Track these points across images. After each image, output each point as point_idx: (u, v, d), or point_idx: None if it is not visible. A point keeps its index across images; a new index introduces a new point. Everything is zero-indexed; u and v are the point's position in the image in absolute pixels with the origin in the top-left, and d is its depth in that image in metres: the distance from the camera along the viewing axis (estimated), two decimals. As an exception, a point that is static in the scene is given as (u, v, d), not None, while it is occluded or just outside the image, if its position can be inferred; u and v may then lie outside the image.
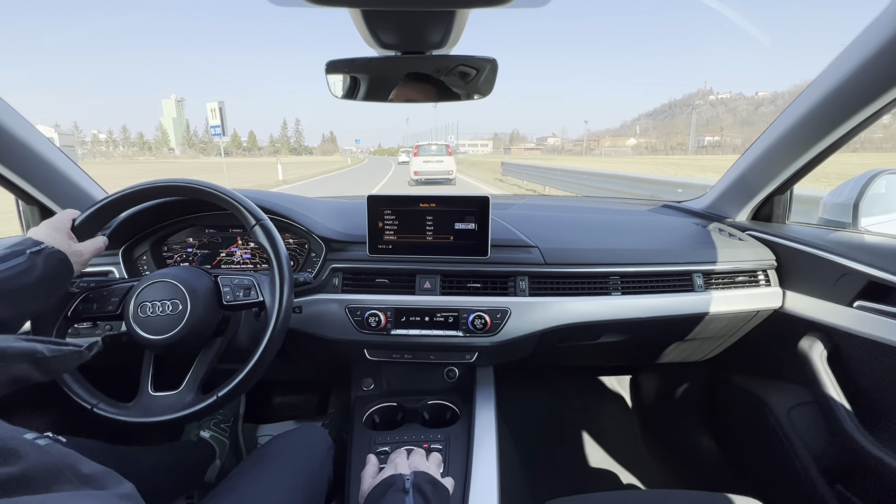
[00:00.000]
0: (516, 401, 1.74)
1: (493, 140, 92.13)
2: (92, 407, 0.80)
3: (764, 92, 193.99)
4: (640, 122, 72.76)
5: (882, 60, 0.82)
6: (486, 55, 0.78)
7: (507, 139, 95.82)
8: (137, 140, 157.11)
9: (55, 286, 0.77)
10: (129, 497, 0.37)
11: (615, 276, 1.11)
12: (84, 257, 0.82)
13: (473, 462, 0.94)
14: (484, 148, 57.98)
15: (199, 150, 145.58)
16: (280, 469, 0.80)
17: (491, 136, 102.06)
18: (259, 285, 0.88)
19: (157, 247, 1.17)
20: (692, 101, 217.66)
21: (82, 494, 0.34)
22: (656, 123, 72.40)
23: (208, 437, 1.29)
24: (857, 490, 1.00)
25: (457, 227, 1.06)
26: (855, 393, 1.01)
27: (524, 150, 60.17)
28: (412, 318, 1.06)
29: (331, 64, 0.82)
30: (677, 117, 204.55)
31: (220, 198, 0.89)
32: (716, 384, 1.47)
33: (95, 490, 0.35)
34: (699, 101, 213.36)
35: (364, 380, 1.21)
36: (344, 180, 21.39)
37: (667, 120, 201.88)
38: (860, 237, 1.08)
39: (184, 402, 0.82)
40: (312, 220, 1.11)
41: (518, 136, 50.46)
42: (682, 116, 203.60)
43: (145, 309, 0.81)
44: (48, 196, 1.10)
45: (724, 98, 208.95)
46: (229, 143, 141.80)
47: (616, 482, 1.54)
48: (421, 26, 0.68)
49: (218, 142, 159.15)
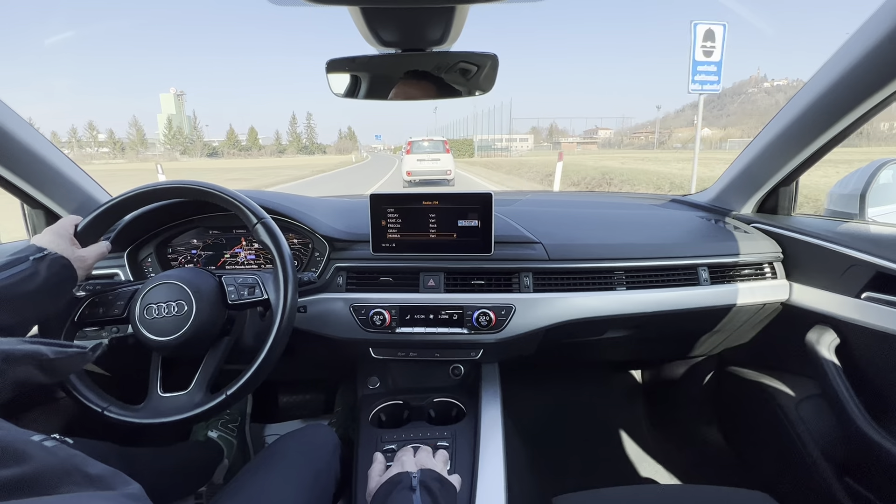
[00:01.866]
0: (522, 397, 1.74)
1: (531, 134, 78.39)
2: (102, 410, 0.81)
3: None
4: (685, 114, 67.39)
5: (886, 49, 0.81)
6: (488, 51, 0.77)
7: (546, 133, 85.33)
8: (108, 140, 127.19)
9: (59, 292, 0.77)
10: (136, 497, 0.37)
11: (620, 271, 1.10)
12: (87, 262, 0.82)
13: (480, 459, 0.94)
14: (524, 143, 48.99)
15: (182, 149, 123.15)
16: (287, 468, 0.80)
17: (528, 130, 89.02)
18: (263, 283, 0.88)
19: (161, 249, 1.17)
20: (744, 89, 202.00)
21: (89, 495, 0.34)
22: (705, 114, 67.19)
23: (216, 437, 1.30)
24: (866, 483, 1.00)
25: (460, 224, 1.06)
26: (863, 385, 1.00)
27: (576, 145, 49.24)
28: (417, 315, 1.06)
29: (331, 62, 0.82)
30: (728, 107, 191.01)
31: (222, 198, 0.89)
32: (723, 378, 1.47)
33: (103, 491, 0.36)
34: (752, 90, 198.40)
35: (370, 378, 1.21)
36: (316, 187, 16.84)
37: (716, 111, 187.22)
38: (867, 228, 1.07)
39: (193, 402, 0.82)
40: (315, 220, 1.11)
41: (557, 130, 45.62)
42: (734, 106, 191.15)
43: (151, 311, 0.81)
44: (53, 199, 1.11)
45: (781, 85, 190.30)
46: (224, 141, 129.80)
47: (624, 478, 1.54)
48: (420, 23, 0.68)
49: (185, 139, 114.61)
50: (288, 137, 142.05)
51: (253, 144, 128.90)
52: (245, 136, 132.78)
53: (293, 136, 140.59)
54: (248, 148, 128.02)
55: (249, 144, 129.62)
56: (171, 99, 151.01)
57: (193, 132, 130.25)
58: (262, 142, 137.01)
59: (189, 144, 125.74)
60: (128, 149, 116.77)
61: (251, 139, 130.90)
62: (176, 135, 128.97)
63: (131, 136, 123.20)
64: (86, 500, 0.33)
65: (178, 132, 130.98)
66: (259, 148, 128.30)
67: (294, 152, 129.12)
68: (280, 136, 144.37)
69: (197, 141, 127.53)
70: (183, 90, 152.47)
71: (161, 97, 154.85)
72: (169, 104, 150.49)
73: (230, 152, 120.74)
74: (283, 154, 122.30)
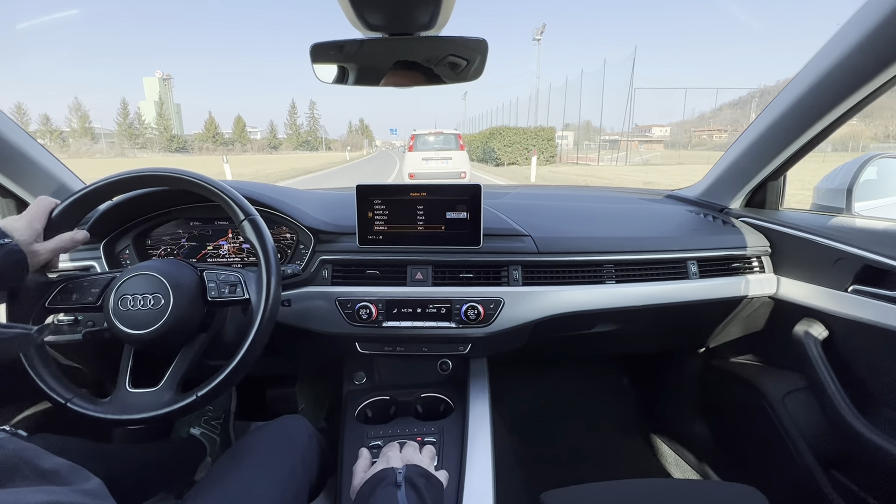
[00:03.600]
0: (510, 392, 1.74)
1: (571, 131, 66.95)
2: (66, 402, 0.77)
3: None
4: (723, 113, 63.35)
5: (874, 43, 0.81)
6: (477, 35, 0.75)
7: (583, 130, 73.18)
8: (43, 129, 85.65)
9: (2, 281, 0.73)
10: (94, 494, 0.35)
11: (609, 265, 1.10)
12: (40, 257, 0.77)
13: (468, 454, 0.93)
14: (563, 141, 41.84)
15: (141, 143, 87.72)
16: (260, 462, 0.78)
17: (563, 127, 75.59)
18: (245, 283, 0.85)
19: (140, 240, 1.14)
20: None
21: (37, 490, 0.32)
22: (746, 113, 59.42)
23: (198, 434, 1.27)
24: (852, 475, 1.01)
25: (448, 216, 1.04)
26: (850, 378, 1.01)
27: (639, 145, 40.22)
28: (404, 309, 1.04)
29: (316, 48, 0.79)
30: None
31: (208, 189, 0.85)
32: (711, 372, 1.48)
33: (55, 486, 0.34)
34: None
35: (356, 373, 1.19)
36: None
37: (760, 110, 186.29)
38: (854, 222, 1.08)
39: (161, 401, 0.79)
40: (300, 211, 1.08)
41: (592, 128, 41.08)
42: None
43: (126, 302, 0.78)
44: (24, 188, 1.07)
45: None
46: (200, 134, 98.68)
47: (612, 472, 1.54)
48: (408, 6, 0.66)
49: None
50: (287, 130, 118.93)
51: (238, 138, 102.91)
52: (230, 130, 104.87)
53: (293, 129, 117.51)
54: (232, 142, 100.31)
55: (234, 137, 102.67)
56: (157, 83, 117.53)
57: (162, 121, 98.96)
58: (251, 134, 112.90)
59: (173, 137, 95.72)
60: (71, 139, 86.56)
61: (237, 131, 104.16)
62: (166, 125, 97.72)
63: (72, 123, 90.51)
64: (32, 495, 0.31)
65: (164, 119, 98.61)
66: (245, 142, 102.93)
67: (292, 147, 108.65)
68: (275, 129, 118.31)
69: (164, 132, 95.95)
70: (170, 74, 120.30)
71: (145, 82, 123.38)
72: (154, 89, 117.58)
73: (204, 146, 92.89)
74: (277, 150, 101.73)
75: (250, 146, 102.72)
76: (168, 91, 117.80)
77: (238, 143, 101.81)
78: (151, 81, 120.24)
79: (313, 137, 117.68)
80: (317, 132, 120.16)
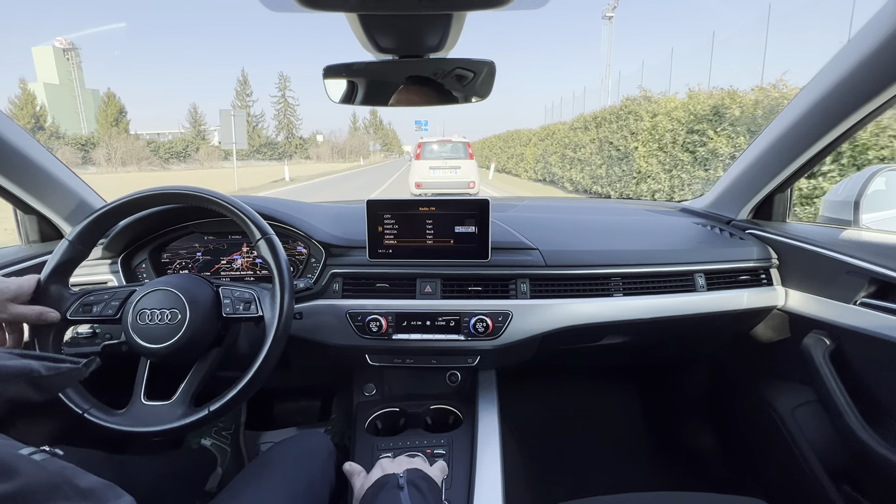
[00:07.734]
0: (519, 404, 1.73)
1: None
2: (83, 412, 0.79)
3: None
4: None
5: (883, 56, 0.82)
6: (484, 58, 0.77)
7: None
8: None
9: None
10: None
11: (616, 278, 1.10)
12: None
13: (477, 466, 0.93)
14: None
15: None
16: (280, 477, 0.79)
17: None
18: (259, 300, 0.86)
19: (156, 254, 1.16)
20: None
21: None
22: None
23: (209, 444, 1.29)
24: (864, 490, 1.00)
25: (457, 230, 1.05)
26: (859, 391, 1.00)
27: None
28: (413, 322, 1.05)
29: (328, 69, 0.82)
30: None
31: (225, 207, 0.88)
32: (719, 384, 1.47)
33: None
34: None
35: (366, 385, 1.21)
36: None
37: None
38: (862, 234, 1.08)
39: (174, 415, 0.80)
40: (312, 226, 1.11)
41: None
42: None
43: (144, 317, 0.80)
44: (46, 205, 1.10)
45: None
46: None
47: (621, 484, 1.53)
48: (418, 30, 0.68)
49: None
50: (280, 130, 69.11)
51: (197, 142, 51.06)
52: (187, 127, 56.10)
53: (285, 130, 69.17)
54: (182, 153, 48.58)
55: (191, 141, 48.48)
56: (51, 55, 58.51)
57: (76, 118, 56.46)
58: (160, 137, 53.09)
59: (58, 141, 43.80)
60: None
61: (196, 129, 55.80)
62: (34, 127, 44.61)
63: None
64: None
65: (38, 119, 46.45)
66: (225, 154, 43.21)
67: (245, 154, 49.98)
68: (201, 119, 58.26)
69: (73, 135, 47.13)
70: (72, 41, 59.89)
71: (34, 53, 62.03)
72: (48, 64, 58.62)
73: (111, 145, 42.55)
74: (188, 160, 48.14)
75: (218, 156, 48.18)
76: (73, 66, 59.26)
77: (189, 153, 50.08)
78: (44, 52, 59.97)
79: (287, 136, 69.33)
80: (291, 128, 70.37)
